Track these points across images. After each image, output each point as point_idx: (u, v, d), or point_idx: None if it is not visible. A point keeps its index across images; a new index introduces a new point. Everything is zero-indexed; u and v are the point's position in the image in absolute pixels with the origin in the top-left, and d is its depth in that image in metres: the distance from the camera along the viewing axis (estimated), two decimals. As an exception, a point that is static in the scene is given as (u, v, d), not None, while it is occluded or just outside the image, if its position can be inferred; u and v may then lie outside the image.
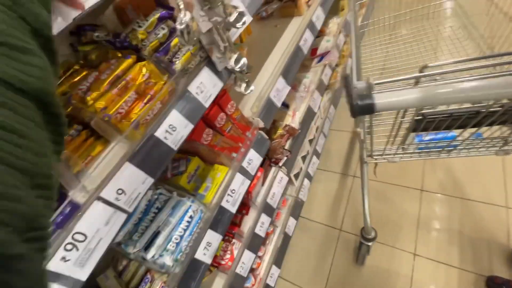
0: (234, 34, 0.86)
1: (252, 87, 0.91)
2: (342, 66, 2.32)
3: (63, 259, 0.52)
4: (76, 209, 0.56)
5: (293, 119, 1.63)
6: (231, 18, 0.73)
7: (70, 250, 0.54)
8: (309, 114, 1.74)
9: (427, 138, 1.08)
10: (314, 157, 1.95)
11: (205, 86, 0.79)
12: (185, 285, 0.86)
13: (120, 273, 0.91)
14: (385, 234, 1.55)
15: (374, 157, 1.29)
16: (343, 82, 0.67)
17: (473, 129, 0.91)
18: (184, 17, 0.63)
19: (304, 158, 1.84)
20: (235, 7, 0.75)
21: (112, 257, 1.00)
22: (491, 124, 0.79)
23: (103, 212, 0.58)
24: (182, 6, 0.63)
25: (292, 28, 1.51)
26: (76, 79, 0.78)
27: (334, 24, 2.09)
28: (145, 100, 0.65)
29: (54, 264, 0.51)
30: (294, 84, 1.81)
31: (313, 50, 1.98)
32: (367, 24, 2.17)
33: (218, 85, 0.83)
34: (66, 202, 0.54)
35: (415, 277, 1.38)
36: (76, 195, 0.56)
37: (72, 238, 0.54)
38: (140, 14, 0.82)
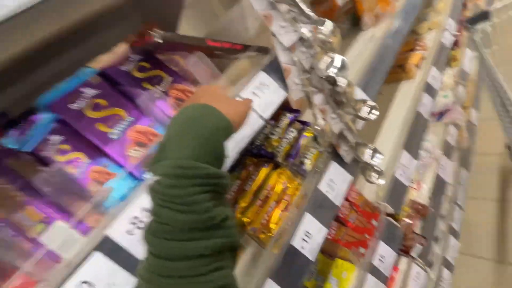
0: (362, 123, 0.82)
1: (384, 178, 0.80)
2: (466, 120, 1.93)
3: None
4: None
5: (419, 192, 1.37)
6: (362, 114, 0.70)
7: None
8: (440, 185, 1.43)
9: None
10: (452, 238, 1.52)
11: (335, 183, 0.74)
12: None
13: None
14: None
15: None
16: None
17: None
18: (319, 124, 0.64)
19: (437, 240, 1.46)
20: (363, 101, 0.73)
21: None
22: None
23: None
24: (317, 115, 0.64)
25: (404, 94, 1.39)
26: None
27: (449, 76, 1.83)
28: (283, 207, 0.64)
29: None
30: (411, 150, 1.58)
31: (428, 109, 1.75)
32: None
33: (348, 179, 0.77)
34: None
35: None
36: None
37: None
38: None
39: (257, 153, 0.74)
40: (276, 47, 0.59)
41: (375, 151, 0.71)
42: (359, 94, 0.83)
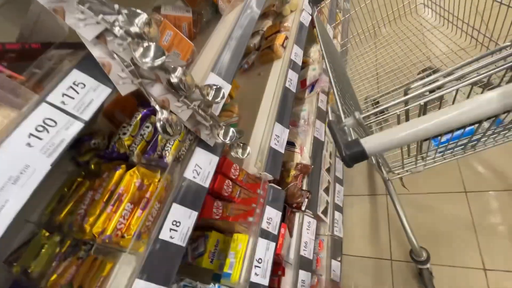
0: (218, 107, 0.86)
1: (248, 150, 0.89)
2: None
3: None
4: None
5: (302, 155, 1.58)
6: (209, 97, 0.74)
7: None
8: (318, 145, 1.68)
9: (444, 139, 0.98)
10: (338, 185, 1.84)
11: (201, 167, 0.77)
12: None
13: None
14: (441, 252, 1.35)
15: (396, 172, 1.20)
16: (328, 128, 0.63)
17: (490, 119, 0.82)
18: (161, 115, 0.64)
19: (327, 190, 1.74)
20: (210, 86, 0.77)
21: None
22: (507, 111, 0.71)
23: None
24: (157, 107, 0.64)
25: (275, 72, 1.54)
26: (80, 193, 0.80)
27: (315, 52, 2.13)
28: (142, 206, 0.63)
29: None
30: (293, 121, 1.79)
31: (302, 82, 2.00)
32: (348, 41, 2.20)
33: (214, 160, 0.82)
34: None
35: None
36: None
37: None
38: (126, 116, 0.85)
39: (110, 157, 0.70)
40: (84, 42, 0.54)
41: (226, 129, 0.77)
42: (211, 79, 0.87)
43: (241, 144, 0.87)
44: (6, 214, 0.40)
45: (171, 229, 0.66)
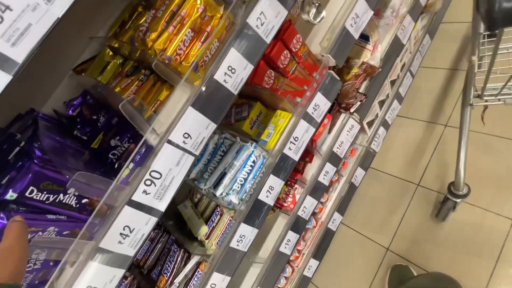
0: None
1: (323, 14, 0.74)
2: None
3: (144, 192, 0.60)
4: (150, 150, 0.60)
5: (372, 54, 1.35)
6: None
7: (149, 185, 0.60)
8: (395, 47, 1.40)
9: None
10: (395, 102, 1.65)
11: (266, 17, 0.67)
12: (250, 220, 0.93)
13: (196, 204, 1.04)
14: (479, 193, 1.29)
15: (485, 97, 0.99)
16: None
17: None
18: None
19: (382, 103, 1.59)
20: None
21: (190, 190, 1.14)
22: None
23: (173, 154, 0.62)
24: None
25: None
26: (140, 22, 0.78)
27: None
28: (202, 39, 0.60)
29: (137, 196, 0.59)
30: (378, 9, 1.44)
31: (410, -44, 1.48)
32: None
33: (282, 13, 0.70)
34: (141, 142, 0.59)
35: (508, 247, 1.16)
36: (149, 137, 0.60)
37: (150, 175, 0.60)
38: None
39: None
40: None
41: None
42: None
43: (317, 4, 0.72)
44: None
45: (225, 73, 0.64)
